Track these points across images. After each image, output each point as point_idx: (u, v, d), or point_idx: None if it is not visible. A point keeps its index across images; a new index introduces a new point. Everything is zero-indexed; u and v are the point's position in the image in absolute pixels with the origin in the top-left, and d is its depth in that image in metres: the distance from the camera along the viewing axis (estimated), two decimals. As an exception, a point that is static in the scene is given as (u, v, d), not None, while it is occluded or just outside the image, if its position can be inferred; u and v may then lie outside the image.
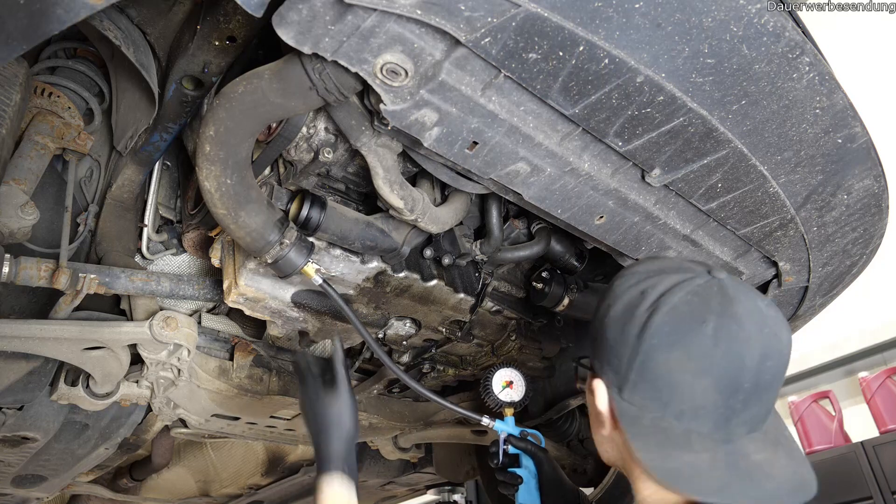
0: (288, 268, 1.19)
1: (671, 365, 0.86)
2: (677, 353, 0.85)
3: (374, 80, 0.87)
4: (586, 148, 1.05)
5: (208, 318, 1.84)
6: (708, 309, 0.86)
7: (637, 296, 0.91)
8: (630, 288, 0.93)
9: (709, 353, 0.84)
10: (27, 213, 1.36)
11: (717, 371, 0.84)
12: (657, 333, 0.86)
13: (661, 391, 0.87)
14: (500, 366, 1.53)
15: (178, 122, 1.44)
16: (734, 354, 0.85)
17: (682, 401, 0.86)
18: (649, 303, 0.89)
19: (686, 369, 0.85)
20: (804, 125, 1.01)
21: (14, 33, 0.73)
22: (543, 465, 1.37)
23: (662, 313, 0.87)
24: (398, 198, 1.18)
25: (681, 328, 0.86)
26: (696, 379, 0.85)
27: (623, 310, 0.91)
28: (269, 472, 2.82)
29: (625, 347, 0.89)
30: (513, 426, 1.42)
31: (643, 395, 0.88)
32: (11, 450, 1.92)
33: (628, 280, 0.95)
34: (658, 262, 0.98)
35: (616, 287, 0.96)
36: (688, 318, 0.86)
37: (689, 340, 0.85)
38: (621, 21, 0.78)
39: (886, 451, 3.42)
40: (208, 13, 1.13)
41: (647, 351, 0.87)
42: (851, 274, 1.51)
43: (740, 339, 0.85)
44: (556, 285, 1.59)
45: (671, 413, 0.87)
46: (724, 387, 0.85)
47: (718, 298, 0.87)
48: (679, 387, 0.85)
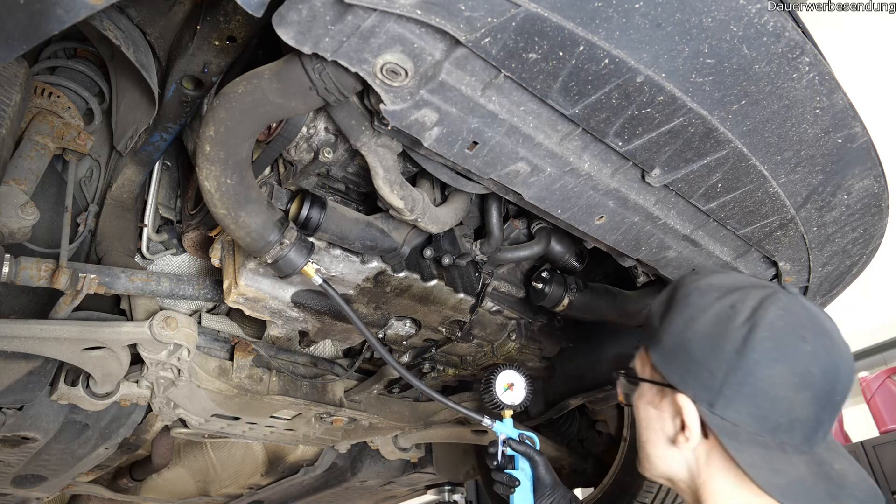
0: (288, 268, 1.19)
1: (774, 380, 0.87)
2: (780, 369, 0.87)
3: (374, 80, 0.87)
4: (586, 148, 1.05)
5: (208, 318, 1.84)
6: (802, 325, 0.88)
7: (727, 310, 0.91)
8: (714, 302, 0.93)
9: (811, 367, 0.87)
10: (27, 213, 1.36)
11: (817, 385, 0.87)
12: (759, 349, 0.87)
13: (761, 406, 0.87)
14: (504, 367, 1.53)
15: (178, 122, 1.44)
16: (832, 368, 0.88)
17: (780, 415, 0.87)
18: (743, 318, 0.89)
19: (789, 384, 0.86)
20: (804, 125, 1.01)
21: (14, 33, 0.73)
22: (539, 468, 1.37)
23: (762, 329, 0.87)
24: (398, 198, 1.18)
25: (783, 344, 0.87)
26: (797, 393, 0.87)
27: (712, 324, 0.91)
28: (269, 472, 2.81)
29: (719, 363, 0.89)
30: (511, 428, 1.43)
31: (739, 410, 0.88)
32: (11, 450, 1.92)
33: (708, 294, 0.94)
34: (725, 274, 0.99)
35: (695, 301, 0.95)
36: (788, 334, 0.87)
37: (792, 356, 0.87)
38: (621, 21, 0.78)
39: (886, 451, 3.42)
40: (208, 13, 1.13)
41: (749, 366, 0.87)
42: (851, 274, 1.51)
43: (835, 354, 0.88)
44: (556, 285, 1.59)
45: (767, 428, 0.88)
46: (820, 399, 0.87)
47: (805, 314, 0.90)
48: (780, 401, 0.87)
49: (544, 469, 1.37)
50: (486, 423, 1.42)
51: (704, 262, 1.36)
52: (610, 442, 2.50)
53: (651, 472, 1.04)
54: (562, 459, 2.50)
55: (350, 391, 2.10)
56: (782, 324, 0.88)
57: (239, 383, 1.83)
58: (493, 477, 1.41)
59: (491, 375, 1.50)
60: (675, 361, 0.95)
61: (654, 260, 1.35)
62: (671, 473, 1.00)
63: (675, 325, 0.95)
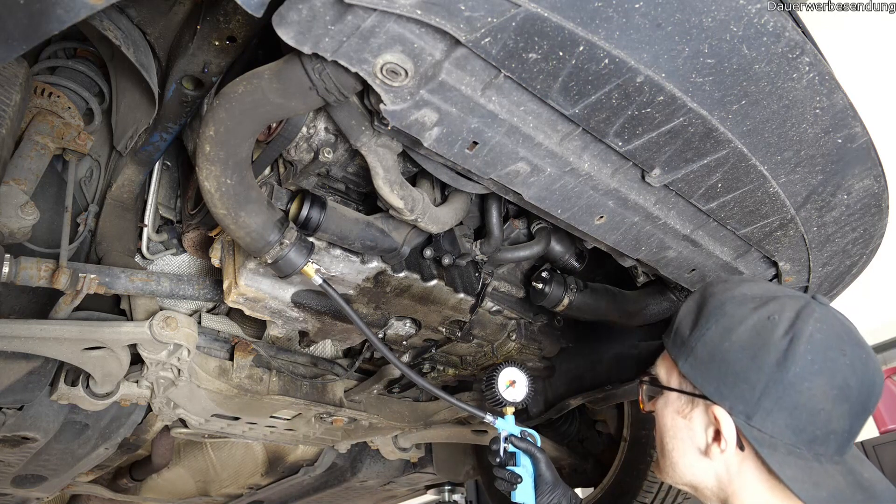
0: (288, 268, 1.19)
1: (815, 393, 0.87)
2: (821, 382, 0.87)
3: (374, 80, 0.87)
4: (586, 148, 1.05)
5: (208, 318, 1.84)
6: (840, 337, 0.89)
7: (764, 321, 0.90)
8: (752, 313, 0.92)
9: (849, 380, 0.87)
10: (27, 213, 1.36)
11: (854, 397, 0.88)
12: (800, 362, 0.87)
13: (799, 419, 0.88)
14: (506, 364, 1.53)
15: (178, 122, 1.44)
16: (868, 380, 0.89)
17: (818, 427, 0.88)
18: (783, 330, 0.89)
19: (828, 397, 0.87)
20: (804, 125, 1.01)
21: (14, 33, 0.73)
22: (541, 465, 1.37)
23: (802, 342, 0.87)
24: (398, 198, 1.18)
25: (823, 357, 0.88)
26: (835, 406, 0.87)
27: (751, 335, 0.91)
28: (269, 472, 2.81)
29: (759, 375, 0.89)
30: (513, 425, 1.44)
31: (777, 422, 0.88)
32: (11, 450, 1.92)
33: (745, 304, 0.94)
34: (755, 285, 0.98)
35: (731, 311, 0.94)
36: (828, 347, 0.88)
37: (832, 369, 0.87)
38: (621, 21, 0.78)
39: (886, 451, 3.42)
40: (208, 13, 1.13)
41: (790, 379, 0.87)
42: (851, 274, 1.51)
43: (871, 365, 0.89)
44: (556, 285, 1.59)
45: (804, 440, 0.88)
46: (856, 411, 0.88)
47: (839, 327, 0.90)
48: (819, 414, 0.87)
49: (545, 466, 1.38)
50: (488, 419, 1.42)
51: (704, 262, 1.36)
52: (610, 442, 2.50)
53: (674, 480, 1.03)
54: (562, 459, 2.50)
55: (350, 391, 2.10)
56: (821, 336, 0.88)
57: (239, 383, 1.83)
58: (495, 473, 1.41)
59: (493, 372, 1.51)
60: (710, 372, 0.94)
61: (654, 260, 1.35)
62: (697, 482, 1.00)
63: (710, 336, 0.95)
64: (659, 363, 1.09)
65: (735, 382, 0.91)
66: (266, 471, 2.81)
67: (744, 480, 0.94)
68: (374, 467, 2.80)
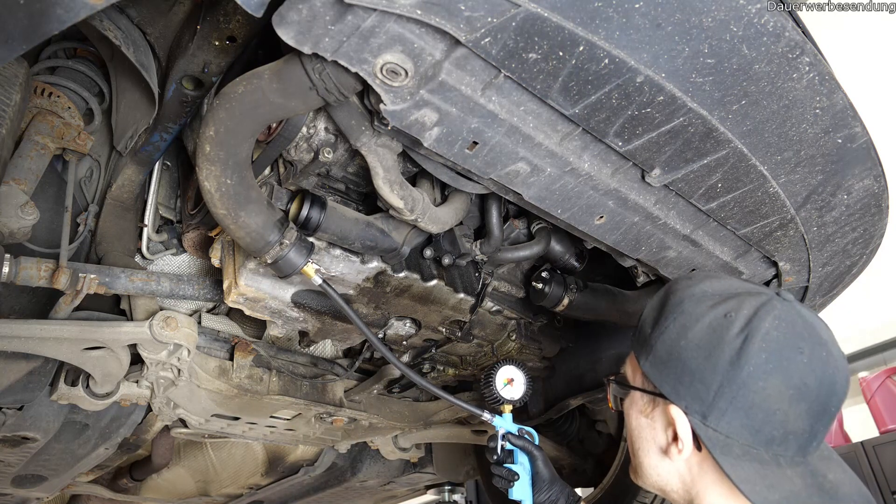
0: (287, 268, 1.19)
1: (769, 393, 0.85)
2: (775, 381, 0.85)
3: (374, 80, 0.87)
4: (586, 148, 1.05)
5: (208, 318, 1.84)
6: (798, 335, 0.86)
7: (721, 319, 0.88)
8: (709, 310, 0.90)
9: (806, 380, 0.85)
10: (27, 213, 1.36)
11: (812, 396, 0.85)
12: (754, 361, 0.85)
13: (755, 419, 0.86)
14: (505, 362, 1.54)
15: (178, 122, 1.44)
16: (828, 380, 0.86)
17: (775, 427, 0.86)
18: (738, 328, 0.87)
19: (784, 397, 0.85)
20: (804, 125, 1.01)
21: (14, 33, 0.73)
22: (538, 463, 1.38)
23: (758, 340, 0.85)
24: (398, 198, 1.18)
25: (778, 356, 0.85)
26: (791, 406, 0.85)
27: (707, 333, 0.89)
28: (269, 472, 2.81)
29: (713, 374, 0.87)
30: (510, 423, 1.44)
31: (733, 422, 0.87)
32: (11, 450, 1.92)
33: (703, 301, 0.92)
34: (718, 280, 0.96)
35: (688, 309, 0.92)
36: (784, 346, 0.85)
37: (787, 368, 0.85)
38: (621, 21, 0.78)
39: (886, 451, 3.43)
40: (208, 13, 1.13)
41: (743, 379, 0.85)
42: (851, 274, 1.51)
43: (831, 365, 0.86)
44: (556, 285, 1.59)
45: (761, 440, 0.86)
46: (816, 411, 0.86)
47: (801, 323, 0.87)
48: (775, 414, 0.85)
49: (543, 463, 1.38)
50: (485, 417, 1.43)
51: (704, 262, 1.36)
52: (610, 442, 2.50)
53: (643, 482, 1.02)
54: (562, 459, 2.50)
55: (350, 391, 2.10)
56: (777, 334, 0.85)
57: (239, 383, 1.83)
58: (493, 471, 1.41)
59: (491, 370, 1.51)
60: (667, 371, 0.92)
61: (654, 260, 1.35)
62: (662, 484, 0.99)
63: (668, 334, 0.93)
64: (627, 362, 1.08)
65: (691, 382, 0.89)
66: (266, 471, 2.81)
67: (705, 482, 0.92)
68: (374, 467, 2.80)
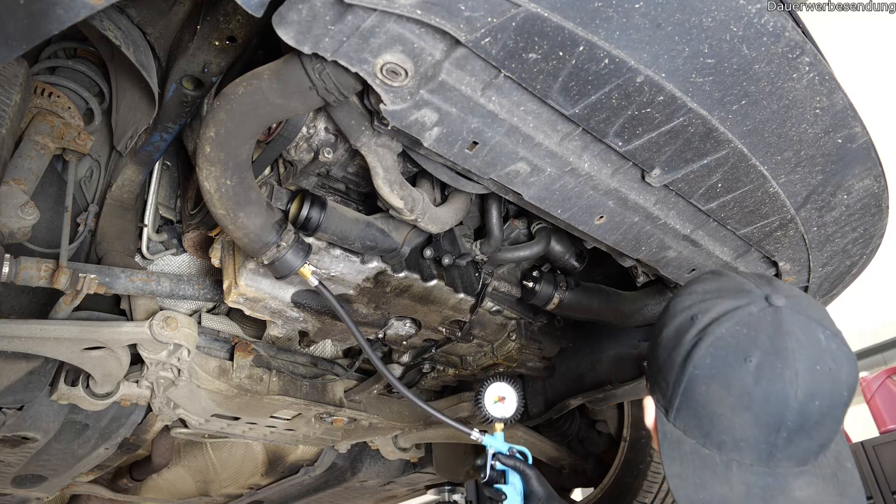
0: (284, 269, 1.19)
1: (710, 397, 0.86)
2: (716, 387, 0.85)
3: (374, 80, 0.87)
4: (586, 148, 1.05)
5: (208, 318, 1.84)
6: (754, 343, 0.85)
7: (687, 321, 0.90)
8: (684, 310, 0.92)
9: (748, 389, 0.84)
10: (27, 213, 1.36)
11: (757, 407, 0.84)
12: (699, 364, 0.86)
13: (702, 420, 0.87)
14: (494, 378, 1.48)
15: (178, 122, 1.44)
16: (776, 393, 0.83)
17: (722, 432, 0.86)
18: (696, 331, 0.88)
19: (725, 403, 0.85)
20: (804, 125, 1.01)
21: (14, 33, 0.73)
22: (532, 483, 1.36)
23: (706, 344, 0.86)
24: (398, 198, 1.18)
25: (722, 362, 0.85)
26: (734, 413, 0.85)
27: (673, 333, 0.91)
28: (269, 472, 2.81)
29: (671, 372, 0.89)
30: (501, 442, 1.38)
31: (686, 421, 0.89)
32: (11, 450, 1.92)
33: (684, 301, 0.94)
34: (720, 279, 0.96)
35: (671, 307, 0.95)
36: (731, 352, 0.85)
37: (729, 375, 0.85)
38: (621, 21, 0.78)
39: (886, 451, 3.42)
40: (208, 13, 1.13)
41: (690, 380, 0.87)
42: (851, 274, 1.51)
43: (784, 378, 0.83)
44: (546, 284, 1.59)
45: (712, 443, 0.87)
46: (764, 423, 0.84)
47: (769, 331, 0.85)
48: (718, 419, 0.86)
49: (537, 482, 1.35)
50: (474, 437, 1.38)
51: (704, 262, 1.36)
52: (610, 442, 2.50)
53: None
54: (562, 459, 2.50)
55: (350, 391, 2.10)
56: (731, 340, 0.85)
57: (239, 383, 1.83)
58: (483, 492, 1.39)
59: (481, 387, 1.46)
60: (649, 364, 0.97)
61: (654, 260, 1.35)
62: None
63: (654, 330, 0.97)
64: None
65: (658, 377, 0.93)
66: (266, 471, 2.81)
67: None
68: (374, 467, 2.79)
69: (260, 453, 2.82)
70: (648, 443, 2.24)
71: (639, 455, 2.27)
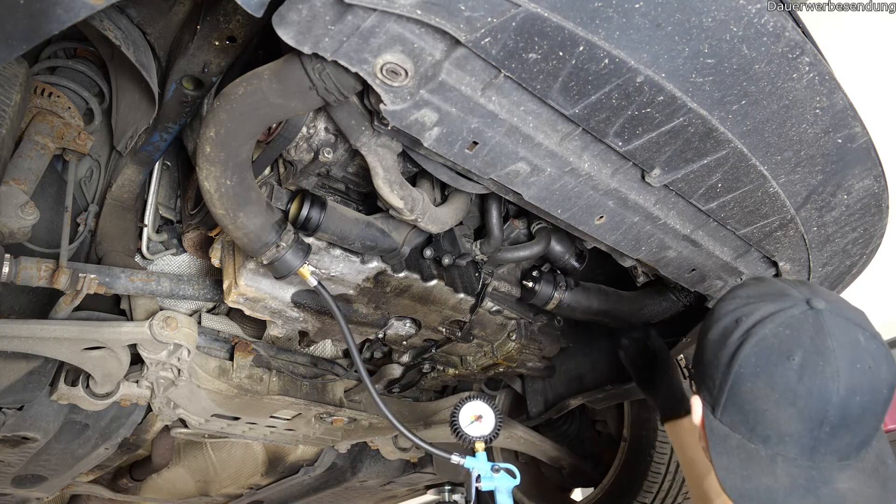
0: (284, 269, 1.19)
1: (756, 394, 0.91)
2: (761, 384, 0.91)
3: (374, 80, 0.87)
4: (586, 148, 1.05)
5: (208, 318, 1.84)
6: (797, 343, 0.90)
7: (732, 323, 0.96)
8: (729, 313, 0.98)
9: (792, 386, 0.89)
10: (27, 213, 1.36)
11: (801, 403, 0.89)
12: (744, 363, 0.92)
13: (748, 416, 0.92)
14: (467, 399, 1.42)
15: (178, 122, 1.44)
16: (819, 389, 0.88)
17: (767, 427, 0.91)
18: (741, 332, 0.94)
19: (770, 399, 0.90)
20: (804, 125, 1.01)
21: (14, 33, 0.73)
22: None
23: (751, 344, 0.92)
24: (398, 198, 1.18)
25: (766, 360, 0.91)
26: (779, 409, 0.90)
27: (719, 335, 0.97)
28: (269, 472, 2.81)
29: (717, 371, 0.95)
30: (484, 461, 1.33)
31: (732, 417, 0.94)
32: (11, 450, 1.92)
33: (729, 304, 1.00)
34: (762, 285, 1.02)
35: (717, 309, 1.01)
36: (775, 351, 0.90)
37: (773, 372, 0.90)
38: (621, 21, 0.78)
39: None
40: (208, 13, 1.13)
41: (736, 378, 0.92)
42: (851, 274, 1.51)
43: (826, 375, 0.88)
44: (546, 284, 1.59)
45: (758, 438, 0.92)
46: (808, 418, 0.89)
47: (811, 332, 0.91)
48: (764, 414, 0.91)
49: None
50: (454, 460, 1.33)
51: (704, 262, 1.36)
52: (610, 442, 2.50)
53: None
54: (562, 459, 2.50)
55: (350, 391, 2.10)
56: (775, 340, 0.91)
57: (239, 383, 1.83)
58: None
59: (455, 409, 1.40)
60: (696, 364, 1.02)
61: (654, 260, 1.35)
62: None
63: (702, 331, 1.02)
64: None
65: (704, 376, 0.99)
66: (266, 471, 2.81)
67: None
68: (374, 467, 2.79)
69: (260, 453, 2.82)
70: (648, 443, 2.24)
71: (639, 455, 2.27)
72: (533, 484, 2.72)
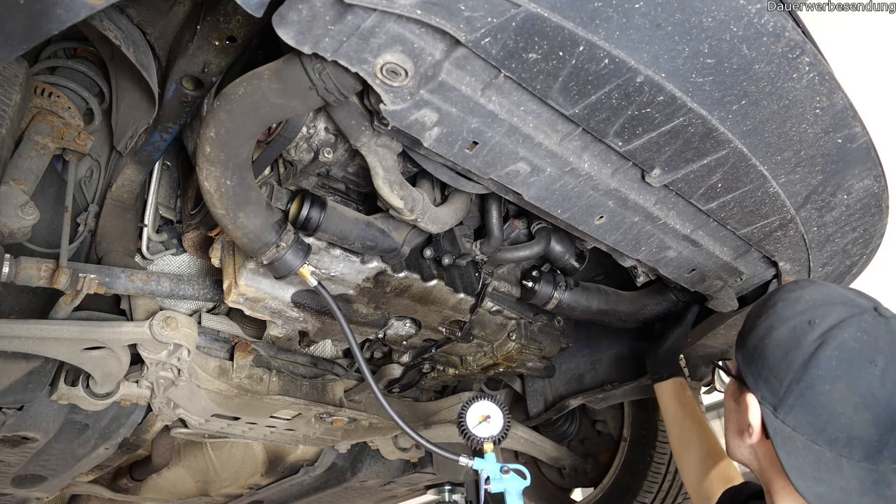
0: (284, 269, 1.19)
1: (834, 396, 0.91)
2: (841, 387, 0.91)
3: (374, 80, 0.87)
4: (586, 148, 1.05)
5: (208, 318, 1.84)
6: (877, 349, 0.91)
7: (804, 324, 0.96)
8: (797, 315, 0.98)
9: (874, 391, 0.90)
10: (27, 213, 1.36)
11: (879, 408, 0.90)
12: (824, 365, 0.92)
13: (819, 418, 0.92)
14: (476, 398, 1.40)
15: (178, 122, 1.44)
16: None
17: (838, 430, 0.92)
18: (818, 334, 0.94)
19: (848, 402, 0.91)
20: (804, 125, 1.01)
21: (14, 33, 0.73)
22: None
23: (831, 347, 0.92)
24: (398, 198, 1.18)
25: (848, 364, 0.91)
26: (856, 412, 0.91)
27: (788, 335, 0.97)
28: (269, 472, 2.81)
29: (787, 372, 0.95)
30: (493, 462, 1.30)
31: (799, 418, 0.94)
32: (11, 450, 1.92)
33: (794, 306, 1.00)
34: (821, 289, 1.02)
35: (780, 310, 1.00)
36: (857, 356, 0.91)
37: (855, 376, 0.91)
38: (621, 21, 0.78)
39: (886, 451, 3.42)
40: (208, 13, 1.13)
41: (812, 380, 0.92)
42: (851, 274, 1.51)
43: None
44: (545, 284, 1.59)
45: (824, 439, 0.92)
46: (883, 423, 0.90)
47: (887, 339, 0.92)
48: (838, 417, 0.91)
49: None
50: (462, 462, 1.29)
51: (704, 262, 1.36)
52: (610, 442, 2.50)
53: (732, 457, 1.14)
54: (562, 459, 2.50)
55: (350, 391, 2.10)
56: (855, 345, 0.92)
57: (239, 383, 1.83)
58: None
59: (462, 410, 1.37)
60: (752, 363, 1.01)
61: (654, 260, 1.35)
62: (744, 460, 1.10)
63: (757, 331, 1.02)
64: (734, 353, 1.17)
65: (767, 376, 0.97)
66: (266, 471, 2.81)
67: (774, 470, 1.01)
68: (374, 467, 2.79)
69: (260, 453, 2.82)
70: (648, 443, 2.24)
71: (639, 455, 2.27)
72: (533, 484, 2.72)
